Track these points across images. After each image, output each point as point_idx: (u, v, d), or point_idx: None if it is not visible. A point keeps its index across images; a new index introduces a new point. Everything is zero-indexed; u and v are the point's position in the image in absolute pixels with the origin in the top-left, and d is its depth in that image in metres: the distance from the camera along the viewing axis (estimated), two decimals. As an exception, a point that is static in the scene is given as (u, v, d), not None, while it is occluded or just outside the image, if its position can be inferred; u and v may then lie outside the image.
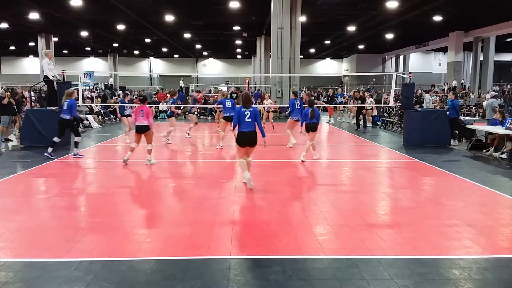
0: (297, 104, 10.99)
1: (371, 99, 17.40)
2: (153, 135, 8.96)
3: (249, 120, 6.65)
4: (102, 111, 18.91)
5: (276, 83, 20.68)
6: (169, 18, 24.11)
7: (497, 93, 20.93)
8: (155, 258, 4.10)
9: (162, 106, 21.57)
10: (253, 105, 6.97)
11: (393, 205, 6.10)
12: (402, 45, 38.21)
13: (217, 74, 49.63)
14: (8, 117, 11.91)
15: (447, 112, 12.05)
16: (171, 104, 13.06)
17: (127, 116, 11.88)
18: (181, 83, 34.34)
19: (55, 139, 9.60)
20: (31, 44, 35.34)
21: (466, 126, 12.09)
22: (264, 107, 16.38)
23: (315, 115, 9.03)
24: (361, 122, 15.96)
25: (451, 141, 11.83)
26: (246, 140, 6.66)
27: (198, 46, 41.33)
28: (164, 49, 43.23)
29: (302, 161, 9.11)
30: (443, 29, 28.01)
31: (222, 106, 11.65)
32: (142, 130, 8.67)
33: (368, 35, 30.84)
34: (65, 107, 9.58)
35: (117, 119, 20.03)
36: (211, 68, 51.10)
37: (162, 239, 4.65)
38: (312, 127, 9.06)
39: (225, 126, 10.95)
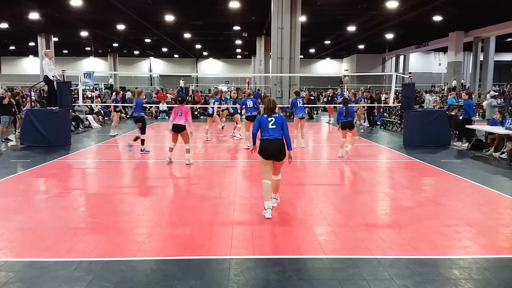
0: (299, 103, 11.23)
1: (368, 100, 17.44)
2: (192, 135, 8.98)
3: (274, 126, 5.40)
4: (102, 111, 18.90)
5: (276, 83, 20.67)
6: (169, 18, 24.11)
7: (496, 93, 20.94)
8: (155, 258, 4.10)
9: (162, 106, 21.63)
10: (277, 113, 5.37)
11: (393, 205, 6.10)
12: (402, 45, 38.21)
13: (217, 74, 49.63)
14: (8, 117, 11.91)
15: (453, 113, 11.97)
16: (213, 103, 13.77)
17: (118, 111, 12.66)
18: (181, 83, 34.32)
19: (143, 136, 10.08)
20: (31, 44, 35.33)
21: (466, 126, 12.09)
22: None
23: (350, 113, 9.42)
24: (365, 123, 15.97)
25: (460, 143, 11.69)
26: (272, 150, 5.34)
27: (198, 46, 41.33)
28: (164, 49, 43.22)
29: (340, 156, 9.66)
30: (443, 29, 28.00)
31: (242, 106, 11.83)
32: (179, 129, 8.70)
33: (368, 35, 30.83)
34: (136, 106, 10.07)
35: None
36: (211, 68, 51.10)
37: (162, 239, 4.66)
38: (348, 125, 9.47)
39: (248, 126, 11.01)
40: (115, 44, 39.04)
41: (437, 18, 23.56)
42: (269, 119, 5.45)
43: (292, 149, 5.57)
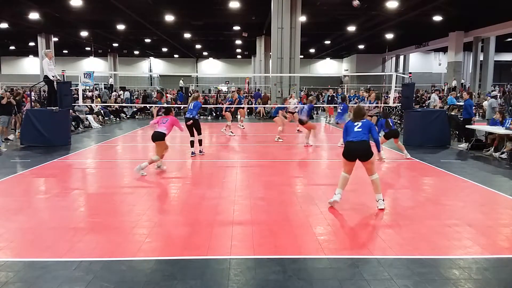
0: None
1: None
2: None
3: (360, 129, 5.72)
4: (102, 111, 18.91)
5: (276, 83, 20.67)
6: (169, 18, 24.10)
7: (498, 93, 20.90)
8: (155, 258, 4.10)
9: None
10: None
11: (393, 205, 6.10)
12: (402, 45, 38.20)
13: (217, 74, 49.62)
14: (7, 117, 11.90)
15: (453, 113, 11.97)
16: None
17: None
18: (181, 83, 34.30)
19: (200, 136, 10.05)
20: (31, 44, 35.33)
21: (466, 126, 12.09)
22: (287, 108, 14.92)
23: (390, 124, 9.68)
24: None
25: (463, 144, 11.58)
26: (353, 150, 5.67)
27: (198, 46, 41.32)
28: (164, 49, 43.22)
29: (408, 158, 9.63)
30: (443, 29, 28.00)
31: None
32: (157, 137, 7.98)
33: (368, 35, 30.82)
34: (191, 108, 10.04)
35: (117, 118, 20.15)
36: (211, 68, 51.09)
37: (162, 239, 4.66)
38: (393, 134, 9.64)
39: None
40: (115, 44, 39.03)
41: (437, 18, 23.55)
42: (355, 123, 5.76)
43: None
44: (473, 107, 13.24)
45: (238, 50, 44.21)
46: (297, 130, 14.58)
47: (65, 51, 43.34)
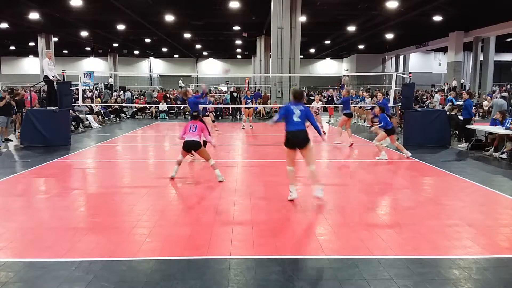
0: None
1: (369, 99, 17.38)
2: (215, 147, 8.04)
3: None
4: (102, 111, 18.91)
5: (276, 83, 20.67)
6: (169, 18, 24.11)
7: (505, 93, 20.73)
8: (155, 258, 4.10)
9: (162, 106, 21.63)
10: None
11: (393, 205, 6.10)
12: (402, 45, 38.21)
13: (217, 74, 49.61)
14: (5, 118, 11.88)
15: (453, 113, 11.96)
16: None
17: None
18: (180, 83, 34.24)
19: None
20: (31, 44, 35.34)
21: (466, 126, 12.08)
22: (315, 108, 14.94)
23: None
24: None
25: (463, 144, 11.55)
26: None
27: (198, 46, 41.32)
28: (164, 49, 43.22)
29: None
30: (443, 29, 28.01)
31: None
32: (193, 147, 7.55)
33: (368, 35, 30.83)
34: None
35: (117, 119, 20.16)
36: (211, 68, 51.08)
37: (162, 239, 4.65)
38: (392, 131, 9.73)
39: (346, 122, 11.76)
40: (115, 44, 39.04)
41: (437, 18, 23.55)
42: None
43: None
44: (473, 107, 13.24)
45: (238, 50, 44.20)
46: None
47: (65, 51, 43.36)
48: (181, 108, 19.61)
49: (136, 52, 45.97)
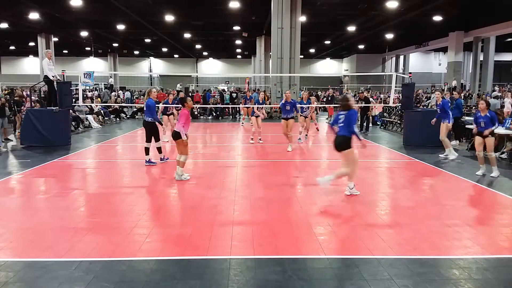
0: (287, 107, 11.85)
1: (371, 99, 17.36)
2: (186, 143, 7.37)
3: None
4: (102, 111, 18.91)
5: (276, 83, 20.67)
6: (169, 18, 24.11)
7: (499, 93, 20.80)
8: (155, 258, 4.10)
9: (162, 106, 21.63)
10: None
11: (393, 205, 6.10)
12: (402, 45, 38.20)
13: (217, 74, 49.61)
14: (0, 120, 11.86)
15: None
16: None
17: None
18: (179, 87, 33.54)
19: (157, 144, 9.11)
20: (31, 44, 35.33)
21: (466, 126, 12.08)
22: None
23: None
24: (365, 124, 15.85)
25: (453, 141, 11.68)
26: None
27: (198, 46, 41.33)
28: (164, 49, 43.22)
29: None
30: (443, 29, 28.00)
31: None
32: (174, 136, 7.36)
33: (368, 35, 30.83)
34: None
35: (117, 119, 20.16)
36: (211, 68, 51.08)
37: (162, 239, 4.65)
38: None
39: None
40: (115, 44, 39.04)
41: (437, 18, 23.56)
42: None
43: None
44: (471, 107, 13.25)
45: (238, 50, 44.21)
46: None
47: (65, 51, 43.36)
48: (179, 108, 19.56)
49: (136, 52, 45.97)
